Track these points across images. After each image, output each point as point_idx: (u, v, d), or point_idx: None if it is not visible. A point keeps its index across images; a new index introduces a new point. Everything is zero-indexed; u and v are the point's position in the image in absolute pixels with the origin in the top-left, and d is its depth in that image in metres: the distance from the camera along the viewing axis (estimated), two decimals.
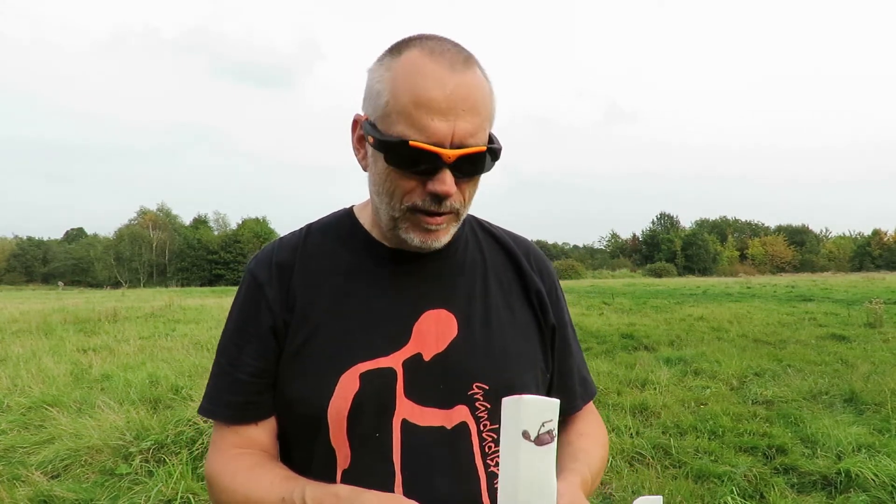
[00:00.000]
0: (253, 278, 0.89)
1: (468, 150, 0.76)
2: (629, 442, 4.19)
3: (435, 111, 0.74)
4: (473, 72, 0.78)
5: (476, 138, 0.77)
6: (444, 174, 0.76)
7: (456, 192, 0.78)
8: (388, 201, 0.81)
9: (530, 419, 0.66)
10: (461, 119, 0.75)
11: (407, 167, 0.76)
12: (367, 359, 0.82)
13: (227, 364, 0.87)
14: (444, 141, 0.74)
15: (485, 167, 0.80)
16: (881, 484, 3.31)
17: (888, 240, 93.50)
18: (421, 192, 0.78)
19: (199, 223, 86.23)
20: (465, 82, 0.76)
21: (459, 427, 0.83)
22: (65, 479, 3.56)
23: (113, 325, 11.85)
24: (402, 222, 0.81)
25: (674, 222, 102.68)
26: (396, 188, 0.79)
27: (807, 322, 11.34)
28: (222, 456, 0.86)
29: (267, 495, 0.78)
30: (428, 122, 0.74)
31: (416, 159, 0.75)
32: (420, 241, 0.81)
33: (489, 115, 0.80)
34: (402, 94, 0.75)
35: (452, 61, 0.76)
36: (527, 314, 0.94)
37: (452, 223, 0.83)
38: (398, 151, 0.75)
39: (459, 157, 0.75)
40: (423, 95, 0.74)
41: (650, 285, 34.94)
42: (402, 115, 0.75)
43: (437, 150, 0.74)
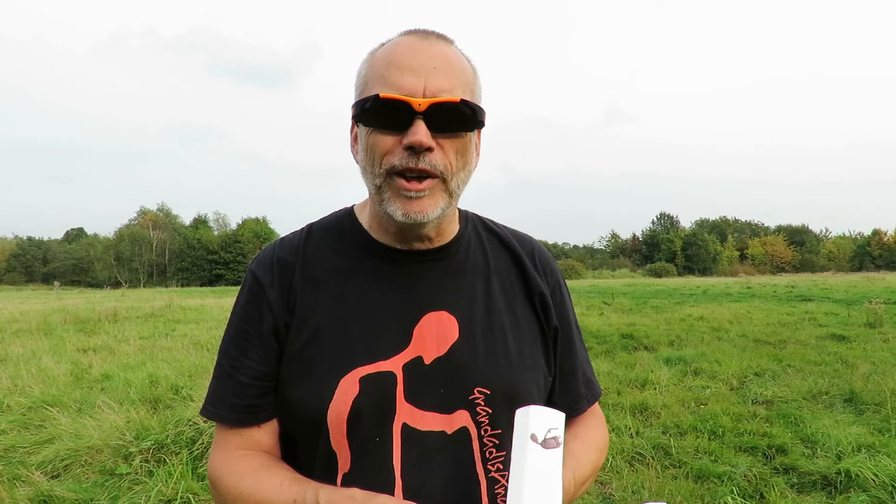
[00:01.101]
0: (254, 279, 0.88)
1: (441, 98, 0.76)
2: (629, 442, 4.19)
3: (405, 68, 0.76)
4: (448, 44, 0.81)
5: (451, 94, 0.77)
6: (417, 125, 0.75)
7: (437, 151, 0.77)
8: (370, 170, 0.80)
9: (538, 425, 0.71)
10: (433, 76, 0.76)
11: (380, 122, 0.77)
12: (367, 362, 0.81)
13: (229, 366, 0.86)
14: (416, 93, 0.76)
15: (465, 124, 0.79)
16: (881, 484, 3.31)
17: (888, 240, 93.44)
18: (399, 151, 0.77)
19: (199, 223, 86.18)
20: (439, 48, 0.79)
21: (460, 432, 0.82)
22: (65, 479, 3.56)
23: (113, 325, 11.85)
24: (384, 191, 0.79)
25: (674, 222, 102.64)
26: (375, 151, 0.78)
27: (807, 322, 11.34)
28: (226, 458, 0.85)
29: (278, 497, 0.78)
30: (398, 78, 0.76)
31: (388, 111, 0.76)
32: (403, 212, 0.79)
33: (467, 84, 0.80)
34: (376, 62, 0.80)
35: (426, 33, 0.81)
36: (529, 316, 0.93)
37: (439, 192, 0.80)
38: (371, 108, 0.76)
39: (432, 106, 0.75)
40: (395, 58, 0.78)
41: (650, 285, 34.92)
42: (376, 79, 0.78)
43: (408, 98, 0.75)
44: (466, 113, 0.78)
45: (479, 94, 0.84)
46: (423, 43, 0.79)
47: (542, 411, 0.72)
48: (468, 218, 0.98)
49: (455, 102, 0.77)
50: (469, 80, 0.81)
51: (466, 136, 0.80)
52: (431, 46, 0.79)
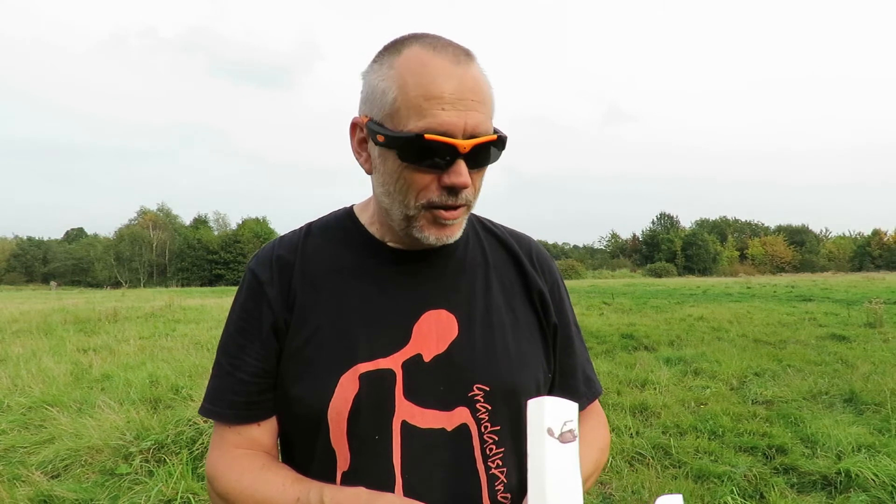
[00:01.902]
0: (254, 277, 0.88)
1: (482, 139, 0.76)
2: (629, 442, 4.19)
3: (446, 103, 0.75)
4: (475, 65, 0.80)
5: (485, 128, 0.77)
6: (459, 165, 0.76)
7: (469, 186, 0.79)
8: (401, 199, 0.80)
9: (553, 418, 0.70)
10: (471, 110, 0.76)
11: (422, 161, 0.76)
12: (366, 360, 0.81)
13: (228, 364, 0.86)
14: (458, 132, 0.75)
15: (495, 156, 0.81)
16: (881, 484, 3.31)
17: (888, 240, 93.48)
18: (436, 187, 0.78)
19: (199, 223, 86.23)
20: (471, 74, 0.78)
21: (460, 429, 0.83)
22: (65, 479, 3.56)
23: (113, 325, 11.85)
24: (417, 220, 0.80)
25: (674, 222, 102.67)
26: (411, 185, 0.78)
27: (807, 322, 11.33)
28: (224, 456, 0.85)
29: (280, 496, 0.78)
30: (441, 115, 0.74)
31: (432, 152, 0.75)
32: (436, 238, 0.81)
33: (492, 107, 0.81)
34: (410, 88, 0.75)
35: (455, 54, 0.78)
36: (528, 314, 0.93)
37: (464, 216, 0.83)
38: (413, 146, 0.75)
39: (473, 147, 0.76)
40: (434, 89, 0.75)
41: (650, 285, 34.93)
42: (412, 110, 0.75)
43: (453, 141, 0.74)
44: (498, 146, 0.80)
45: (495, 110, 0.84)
46: (457, 69, 0.76)
47: (556, 403, 0.71)
48: (467, 218, 0.98)
49: (493, 140, 0.78)
50: (492, 102, 0.81)
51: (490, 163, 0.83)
52: (465, 73, 0.77)
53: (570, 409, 0.72)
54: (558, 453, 0.69)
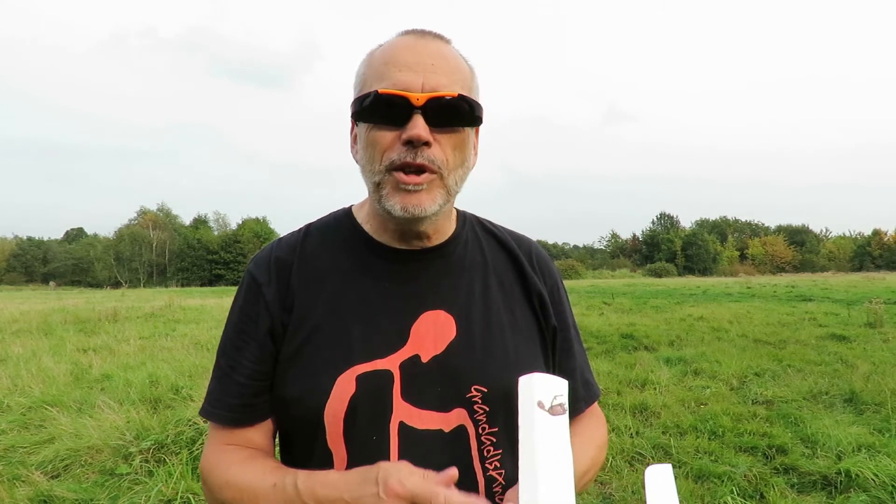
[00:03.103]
0: (252, 279, 0.88)
1: (438, 93, 0.77)
2: (629, 442, 4.19)
3: (403, 65, 0.78)
4: (446, 43, 0.82)
5: (448, 90, 0.78)
6: (415, 119, 0.76)
7: (435, 146, 0.78)
8: (370, 167, 0.81)
9: (543, 392, 0.71)
10: (430, 72, 0.78)
11: (379, 118, 0.78)
12: (363, 361, 0.81)
13: (227, 366, 0.87)
14: (414, 89, 0.77)
15: (462, 119, 0.80)
16: (881, 484, 3.31)
17: (888, 240, 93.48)
18: (398, 146, 0.78)
19: (199, 223, 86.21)
20: (436, 46, 0.81)
21: (458, 430, 0.83)
22: (65, 479, 3.56)
23: (113, 325, 11.85)
24: (383, 187, 0.80)
25: (674, 222, 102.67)
26: (375, 147, 0.79)
27: (807, 322, 11.33)
28: (216, 452, 0.86)
29: (259, 483, 0.78)
30: (396, 74, 0.77)
31: (387, 107, 0.76)
32: (401, 206, 0.79)
33: (465, 81, 0.81)
34: (375, 62, 0.81)
35: (424, 33, 0.82)
36: (527, 316, 0.93)
37: (437, 188, 0.80)
38: (370, 104, 0.77)
39: (430, 101, 0.76)
40: (393, 55, 0.79)
41: (650, 285, 34.92)
42: (374, 77, 0.79)
43: (406, 93, 0.76)
44: (464, 108, 0.79)
45: (476, 93, 0.84)
46: (421, 41, 0.80)
47: (545, 378, 0.72)
48: (466, 218, 0.98)
49: (453, 97, 0.77)
50: (466, 77, 0.82)
51: (464, 131, 0.81)
52: (429, 45, 0.80)
53: (560, 385, 0.73)
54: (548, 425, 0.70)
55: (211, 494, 0.84)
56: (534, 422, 0.69)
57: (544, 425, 0.69)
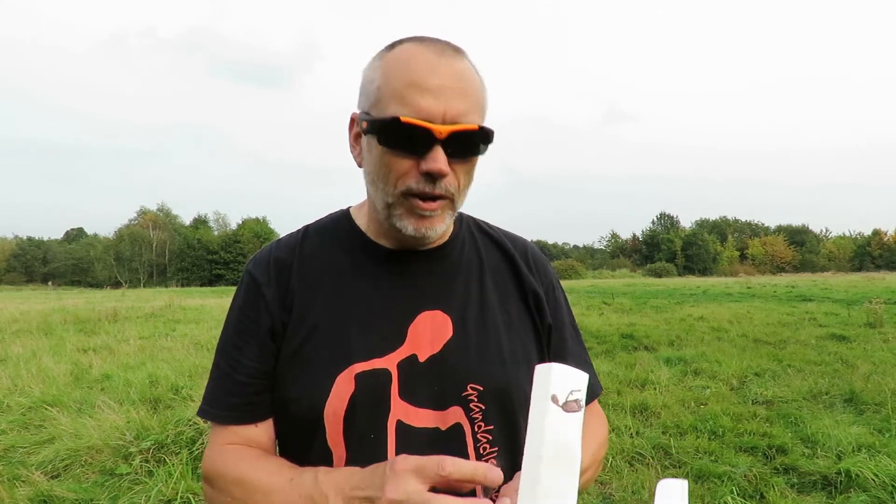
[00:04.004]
0: (252, 279, 0.89)
1: (460, 126, 0.76)
2: (629, 442, 4.19)
3: (425, 90, 0.75)
4: (463, 60, 0.80)
5: (468, 118, 0.77)
6: (436, 151, 0.76)
7: (450, 175, 0.78)
8: (382, 187, 0.80)
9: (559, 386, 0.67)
10: (452, 99, 0.76)
11: (399, 146, 0.77)
12: (362, 360, 0.82)
13: (227, 366, 0.87)
14: (436, 118, 0.75)
15: (478, 149, 0.80)
16: (881, 484, 3.31)
17: (888, 240, 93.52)
18: (415, 174, 0.78)
19: (199, 223, 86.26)
20: (456, 66, 0.78)
21: (454, 428, 0.83)
22: (65, 479, 3.56)
23: (113, 325, 11.85)
24: (396, 208, 0.81)
25: (674, 222, 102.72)
26: (391, 171, 0.79)
27: (807, 322, 11.34)
28: (220, 452, 0.85)
29: (274, 478, 0.78)
30: (419, 100, 0.75)
31: (409, 136, 0.75)
32: (414, 228, 0.81)
33: (480, 103, 0.81)
34: (393, 77, 0.77)
35: (443, 48, 0.79)
36: (523, 315, 0.94)
37: (447, 211, 0.82)
38: (390, 129, 0.76)
39: (451, 134, 0.76)
40: (414, 76, 0.76)
41: (650, 285, 34.93)
42: (393, 97, 0.77)
43: (429, 125, 0.75)
44: (482, 138, 0.79)
45: (487, 108, 0.84)
46: (441, 60, 0.78)
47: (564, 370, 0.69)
48: (462, 219, 0.99)
49: (474, 130, 0.78)
50: (481, 98, 0.81)
51: (476, 157, 0.82)
52: (451, 65, 0.78)
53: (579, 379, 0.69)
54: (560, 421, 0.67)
55: (216, 494, 0.83)
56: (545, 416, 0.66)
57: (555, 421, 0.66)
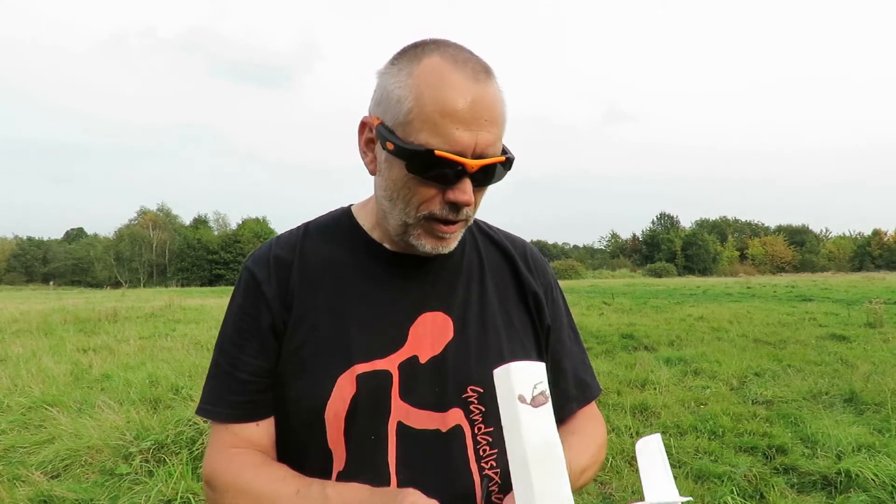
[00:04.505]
0: (251, 276, 0.88)
1: (490, 160, 0.77)
2: (629, 442, 4.19)
3: (460, 121, 0.75)
4: (493, 83, 0.80)
5: (495, 148, 0.78)
6: (465, 184, 0.77)
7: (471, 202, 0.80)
8: (402, 208, 0.80)
9: (522, 384, 0.69)
10: (483, 130, 0.76)
11: (429, 175, 0.77)
12: (363, 361, 0.82)
13: (227, 364, 0.86)
14: (468, 151, 0.75)
15: (499, 176, 0.82)
16: (881, 484, 3.31)
17: (888, 240, 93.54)
18: (439, 201, 0.79)
19: (199, 223, 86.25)
20: (488, 94, 0.77)
21: (454, 430, 0.83)
22: (65, 479, 3.56)
23: (113, 325, 11.85)
24: (414, 229, 0.81)
25: (674, 222, 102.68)
26: (414, 196, 0.79)
27: (807, 322, 11.34)
28: (223, 454, 0.85)
29: (279, 489, 0.77)
30: (453, 132, 0.74)
31: (440, 168, 0.76)
32: (431, 247, 0.82)
33: (504, 126, 0.81)
34: (426, 102, 0.75)
35: (475, 71, 0.77)
36: (523, 316, 0.94)
37: (461, 229, 0.84)
38: (422, 159, 0.75)
39: (481, 168, 0.77)
40: (449, 105, 0.74)
41: (650, 285, 34.94)
42: (426, 124, 0.75)
43: (462, 160, 0.75)
44: (504, 166, 0.81)
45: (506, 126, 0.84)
46: (475, 87, 0.76)
47: (522, 368, 0.70)
48: None
49: (501, 162, 0.79)
50: (505, 121, 0.81)
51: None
52: (483, 91, 0.76)
53: (538, 371, 0.71)
54: (533, 418, 0.68)
55: (218, 499, 0.82)
56: (519, 420, 0.68)
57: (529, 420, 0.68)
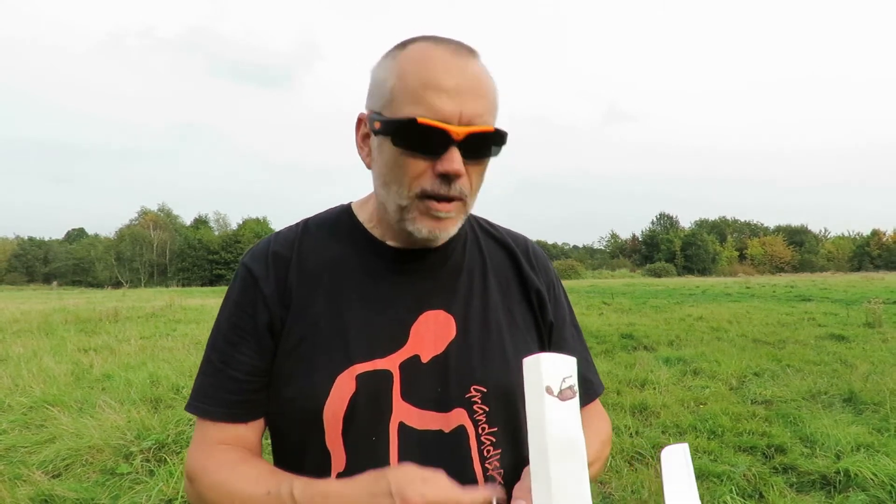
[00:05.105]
0: (249, 272, 0.86)
1: (477, 128, 0.75)
2: (629, 442, 4.20)
3: (443, 90, 0.74)
4: (478, 61, 0.80)
5: (483, 120, 0.77)
6: (452, 152, 0.75)
7: (464, 177, 0.78)
8: (396, 189, 0.79)
9: (551, 375, 0.68)
10: (468, 100, 0.75)
11: (415, 147, 0.75)
12: (363, 360, 0.80)
13: (220, 361, 0.84)
14: (453, 119, 0.74)
15: (491, 151, 0.80)
16: (880, 483, 3.32)
17: (887, 240, 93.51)
18: (430, 175, 0.76)
19: (200, 223, 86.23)
20: (472, 67, 0.78)
21: (457, 430, 0.82)
22: (66, 479, 3.56)
23: (114, 325, 11.85)
24: (410, 211, 0.79)
25: (673, 222, 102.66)
26: (405, 173, 0.77)
27: (806, 322, 11.34)
28: (205, 450, 0.83)
29: (252, 489, 0.76)
30: (435, 101, 0.74)
31: (425, 137, 0.74)
32: (428, 230, 0.79)
33: (495, 105, 0.80)
34: (408, 76, 0.76)
35: (458, 48, 0.78)
36: (526, 314, 0.93)
37: (460, 212, 0.81)
38: (406, 130, 0.74)
39: (468, 136, 0.75)
40: (431, 76, 0.75)
41: (650, 285, 34.91)
42: (409, 97, 0.75)
43: (446, 126, 0.73)
44: (496, 139, 0.79)
45: (498, 110, 0.83)
46: (456, 59, 0.77)
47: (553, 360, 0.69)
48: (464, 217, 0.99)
49: (490, 132, 0.77)
50: (495, 99, 0.81)
51: (489, 158, 0.81)
52: (465, 65, 0.77)
53: (569, 365, 0.70)
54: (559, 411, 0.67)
55: (198, 497, 0.81)
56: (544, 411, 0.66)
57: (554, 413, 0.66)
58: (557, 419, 0.67)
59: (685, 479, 0.74)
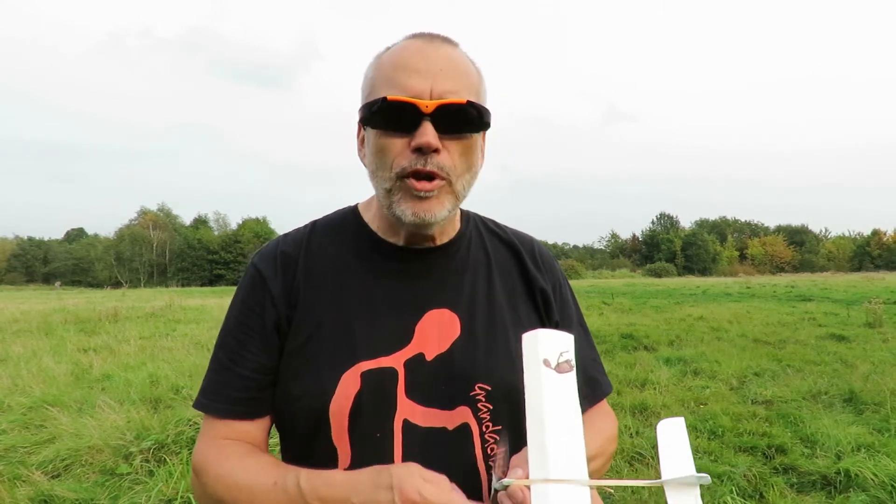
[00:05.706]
0: (257, 272, 0.88)
1: (447, 100, 0.76)
2: (629, 442, 4.20)
3: (413, 71, 0.77)
4: (454, 47, 0.82)
5: (458, 95, 0.78)
6: (424, 126, 0.76)
7: (444, 153, 0.78)
8: (380, 174, 0.81)
9: (549, 349, 0.70)
10: (440, 78, 0.77)
11: (388, 125, 0.78)
12: (368, 358, 0.82)
13: (228, 359, 0.86)
14: (423, 95, 0.76)
15: (470, 126, 0.80)
16: (880, 483, 3.32)
17: (887, 240, 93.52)
18: (407, 153, 0.78)
19: (200, 223, 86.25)
20: (445, 51, 0.80)
21: (461, 428, 0.83)
22: (65, 479, 3.56)
23: (113, 325, 11.84)
24: (394, 193, 0.80)
25: (673, 222, 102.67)
26: (385, 154, 0.79)
27: (806, 322, 11.33)
28: (212, 445, 0.84)
29: (258, 480, 0.77)
30: (406, 80, 0.77)
31: (396, 113, 0.76)
32: (413, 213, 0.80)
33: (473, 86, 0.81)
34: (384, 66, 0.80)
35: (433, 37, 0.81)
36: (531, 313, 0.94)
37: (446, 194, 0.81)
38: (379, 110, 0.77)
39: (439, 108, 0.76)
40: (403, 60, 0.78)
41: (650, 285, 34.91)
42: (383, 82, 0.79)
43: (414, 100, 0.75)
44: (472, 114, 0.79)
45: (484, 97, 0.84)
46: (429, 46, 0.79)
47: (550, 334, 0.71)
48: (470, 217, 0.99)
49: (461, 104, 0.77)
50: (475, 82, 0.82)
51: (472, 137, 0.81)
52: (438, 49, 0.79)
53: (566, 340, 0.72)
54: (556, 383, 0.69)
55: (203, 490, 0.82)
56: (541, 381, 0.68)
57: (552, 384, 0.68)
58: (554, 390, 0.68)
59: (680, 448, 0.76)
